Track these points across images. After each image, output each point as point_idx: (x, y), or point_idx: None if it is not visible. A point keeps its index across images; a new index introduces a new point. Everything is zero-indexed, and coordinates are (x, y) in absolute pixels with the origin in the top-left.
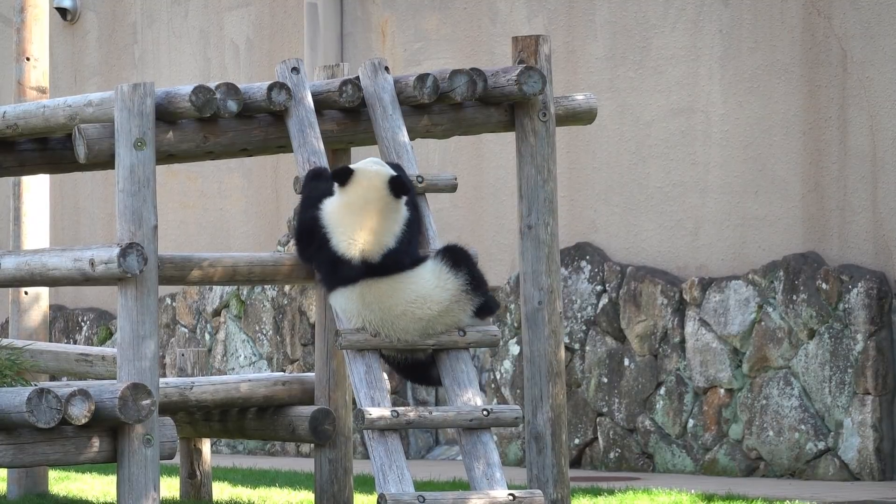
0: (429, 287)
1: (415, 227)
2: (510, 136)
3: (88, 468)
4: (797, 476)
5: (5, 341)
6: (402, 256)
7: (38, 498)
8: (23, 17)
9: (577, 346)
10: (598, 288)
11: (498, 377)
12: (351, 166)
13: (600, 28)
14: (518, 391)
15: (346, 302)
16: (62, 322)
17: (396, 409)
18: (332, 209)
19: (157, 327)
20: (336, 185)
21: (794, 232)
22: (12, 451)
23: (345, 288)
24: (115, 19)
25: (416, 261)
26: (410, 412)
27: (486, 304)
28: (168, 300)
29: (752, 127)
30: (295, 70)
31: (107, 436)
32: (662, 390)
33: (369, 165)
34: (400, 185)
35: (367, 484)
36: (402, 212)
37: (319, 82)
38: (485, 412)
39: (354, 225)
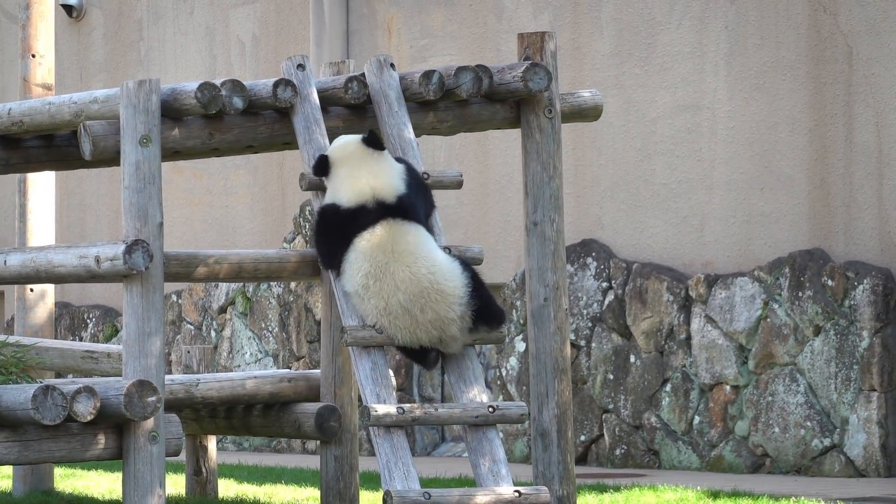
0: (440, 261)
1: (421, 191)
2: (516, 133)
3: (94, 465)
4: (803, 473)
5: (11, 338)
6: (415, 203)
7: (43, 495)
8: (28, 14)
9: (582, 342)
10: (604, 284)
11: (504, 374)
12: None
13: (606, 25)
14: (524, 388)
15: (364, 246)
16: (68, 319)
17: (402, 405)
18: (331, 186)
19: (162, 324)
20: (322, 177)
21: (799, 228)
22: (18, 448)
23: (364, 232)
24: (120, 16)
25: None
26: (416, 409)
27: (487, 313)
28: (174, 297)
29: (757, 123)
30: (301, 67)
31: (112, 433)
32: (668, 387)
33: (337, 140)
34: (374, 139)
35: (372, 481)
36: (397, 168)
37: (325, 79)
38: (490, 409)
39: (354, 180)
